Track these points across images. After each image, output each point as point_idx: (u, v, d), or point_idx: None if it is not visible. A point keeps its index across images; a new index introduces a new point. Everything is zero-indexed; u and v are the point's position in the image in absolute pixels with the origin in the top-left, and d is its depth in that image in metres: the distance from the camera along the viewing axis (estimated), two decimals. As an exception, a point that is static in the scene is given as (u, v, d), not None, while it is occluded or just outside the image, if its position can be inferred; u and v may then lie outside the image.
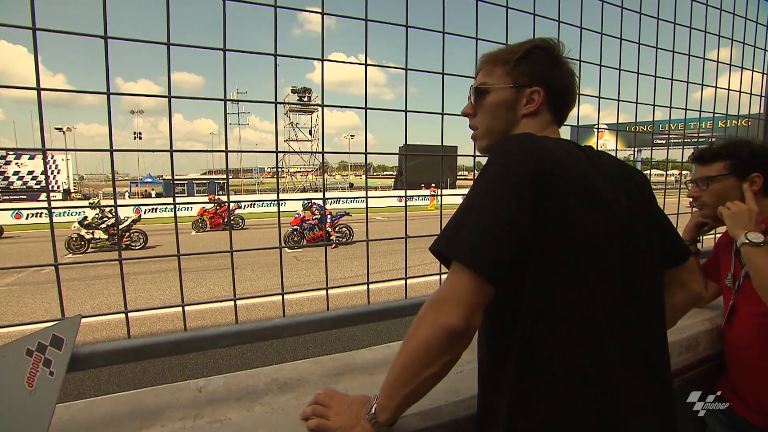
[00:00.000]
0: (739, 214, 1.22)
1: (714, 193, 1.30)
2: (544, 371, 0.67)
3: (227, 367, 4.09)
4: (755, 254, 1.16)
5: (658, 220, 0.85)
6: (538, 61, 0.83)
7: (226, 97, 0.97)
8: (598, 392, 0.66)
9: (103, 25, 0.81)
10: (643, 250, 0.76)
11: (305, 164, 42.07)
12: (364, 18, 1.04)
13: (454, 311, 0.64)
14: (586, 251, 0.68)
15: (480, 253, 0.64)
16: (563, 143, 0.77)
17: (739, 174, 1.27)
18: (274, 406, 0.94)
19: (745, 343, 1.32)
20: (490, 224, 0.65)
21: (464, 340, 0.66)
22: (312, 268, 8.49)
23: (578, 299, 0.67)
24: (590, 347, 0.67)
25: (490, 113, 0.86)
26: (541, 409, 0.67)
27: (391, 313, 1.13)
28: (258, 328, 1.01)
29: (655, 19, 1.67)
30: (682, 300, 0.90)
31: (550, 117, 0.85)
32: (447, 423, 0.94)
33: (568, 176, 0.69)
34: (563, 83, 0.84)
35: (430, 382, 0.69)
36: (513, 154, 0.69)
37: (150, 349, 0.92)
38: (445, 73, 1.16)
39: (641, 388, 0.71)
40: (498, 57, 0.86)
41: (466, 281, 0.64)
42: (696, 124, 2.10)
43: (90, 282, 7.59)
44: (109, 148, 0.88)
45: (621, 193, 0.76)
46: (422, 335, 0.66)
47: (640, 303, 0.74)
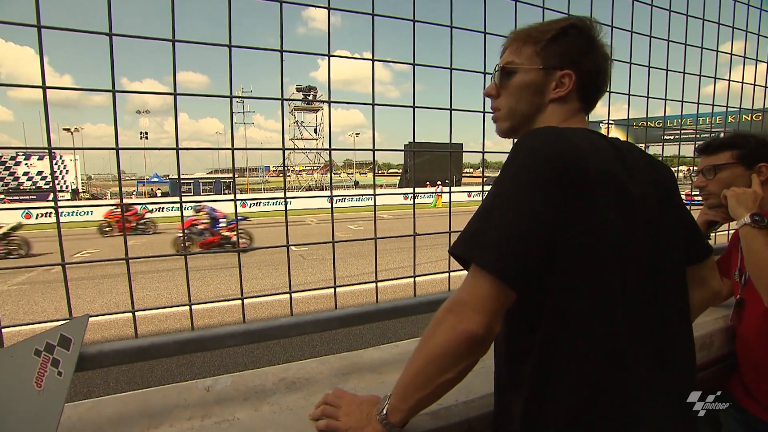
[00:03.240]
0: (743, 195, 1.22)
1: (721, 181, 1.30)
2: (563, 371, 0.65)
3: (234, 365, 4.10)
4: (753, 237, 1.16)
5: (682, 217, 0.82)
6: (572, 42, 0.77)
7: (231, 93, 0.96)
8: (616, 393, 0.65)
9: (108, 22, 0.80)
10: (668, 249, 0.74)
11: (310, 162, 42.15)
12: (371, 13, 1.02)
13: (475, 318, 0.62)
14: (612, 250, 0.65)
15: (503, 258, 0.61)
16: (590, 135, 0.73)
17: (747, 163, 1.27)
18: (282, 406, 0.93)
19: (752, 339, 1.32)
20: (513, 226, 0.62)
21: (484, 347, 0.64)
22: (318, 266, 8.50)
23: (601, 299, 0.65)
24: (611, 348, 0.65)
25: (514, 95, 0.80)
26: (557, 408, 0.65)
27: (400, 312, 1.12)
28: (266, 328, 1.00)
29: (667, 11, 1.64)
30: (701, 298, 0.88)
31: (579, 104, 0.79)
32: (458, 423, 0.93)
33: (596, 172, 0.65)
34: (597, 68, 0.78)
35: (445, 387, 0.68)
36: (537, 149, 0.65)
37: (157, 349, 0.92)
38: (453, 68, 1.14)
39: (662, 389, 0.69)
40: (529, 35, 0.79)
41: (488, 286, 0.62)
42: (706, 119, 2.06)
43: (98, 281, 7.66)
44: (115, 146, 0.88)
45: (649, 189, 0.73)
46: (441, 341, 0.64)
47: (664, 302, 0.72)
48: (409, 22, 1.11)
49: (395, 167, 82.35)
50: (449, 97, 1.17)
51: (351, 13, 1.09)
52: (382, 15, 1.04)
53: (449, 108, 1.16)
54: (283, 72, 1.04)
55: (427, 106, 1.14)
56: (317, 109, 38.24)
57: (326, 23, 1.08)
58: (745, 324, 1.36)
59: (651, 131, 2.13)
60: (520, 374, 0.69)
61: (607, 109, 1.64)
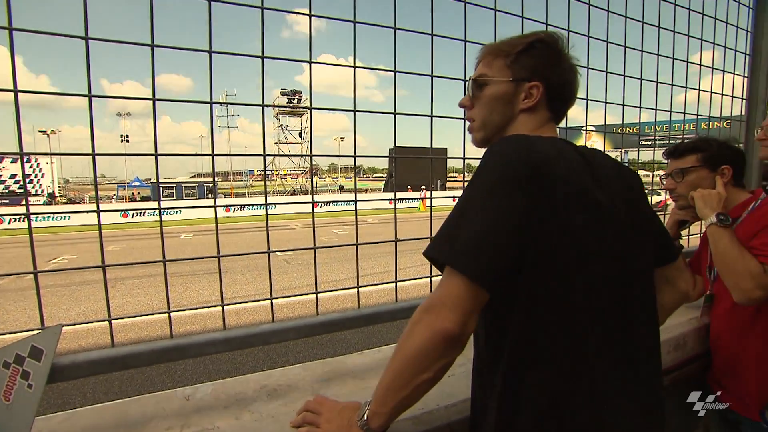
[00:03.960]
0: (708, 196, 1.29)
1: (689, 184, 1.37)
2: (533, 372, 0.67)
3: (217, 372, 4.03)
4: (720, 235, 1.23)
5: (650, 221, 0.85)
6: (539, 55, 0.81)
7: (212, 99, 0.96)
8: (584, 392, 0.67)
9: (84, 25, 0.79)
10: (635, 253, 0.76)
11: (295, 167, 41.86)
12: (352, 20, 1.03)
13: (450, 316, 0.63)
14: (578, 255, 0.68)
15: (475, 259, 0.63)
16: (558, 143, 0.76)
17: (711, 165, 1.34)
18: (264, 414, 0.92)
19: (722, 332, 1.38)
20: (484, 228, 0.64)
21: (459, 345, 0.65)
22: (302, 271, 8.43)
23: (567, 303, 0.67)
24: (577, 351, 0.67)
25: (487, 106, 0.84)
26: (529, 408, 0.67)
27: (382, 317, 1.12)
28: (246, 335, 0.99)
29: (640, 22, 1.70)
30: (671, 298, 0.91)
31: (548, 114, 0.83)
32: (439, 427, 0.93)
33: (562, 178, 0.68)
34: (564, 80, 0.82)
35: (424, 387, 0.68)
36: (506, 155, 0.68)
37: (134, 359, 0.90)
38: (434, 75, 1.16)
39: (628, 390, 0.72)
40: (499, 49, 0.84)
41: (461, 286, 0.64)
42: (682, 126, 2.13)
43: (76, 288, 7.44)
44: (92, 151, 0.86)
45: (616, 195, 0.76)
46: (417, 340, 0.66)
47: (631, 306, 0.75)
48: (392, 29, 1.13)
49: (380, 171, 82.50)
50: (431, 103, 1.18)
51: (341, 18, 1.09)
52: (363, 22, 1.05)
53: (430, 115, 1.17)
54: (267, 76, 1.04)
55: (408, 113, 1.16)
56: (302, 112, 38.01)
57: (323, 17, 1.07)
58: (715, 319, 1.43)
59: (629, 137, 2.19)
60: (494, 375, 0.71)
61: (585, 115, 1.68)
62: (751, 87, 2.10)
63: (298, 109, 35.34)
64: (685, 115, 1.99)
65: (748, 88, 2.12)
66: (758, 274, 1.14)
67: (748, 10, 2.05)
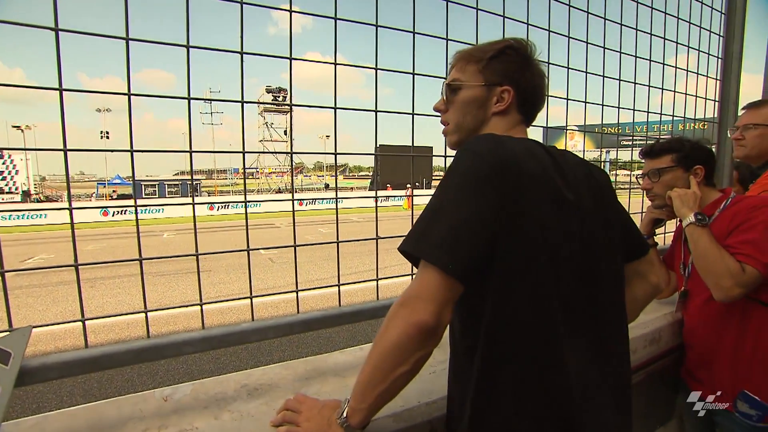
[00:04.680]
0: (685, 196, 1.34)
1: (665, 184, 1.41)
2: (506, 364, 0.69)
3: (200, 373, 3.97)
4: (699, 235, 1.27)
5: (619, 218, 0.88)
6: (510, 61, 0.84)
7: (189, 95, 0.94)
8: (555, 385, 0.69)
9: (54, 16, 0.76)
10: (605, 248, 0.79)
11: (280, 165, 41.47)
12: (333, 17, 1.03)
13: (425, 308, 0.65)
14: (548, 249, 0.69)
15: (448, 251, 0.65)
16: (526, 143, 0.78)
17: (685, 166, 1.39)
18: (243, 413, 0.91)
19: (697, 326, 1.43)
20: (456, 223, 0.66)
21: (435, 337, 0.67)
22: (288, 269, 8.36)
23: (537, 296, 0.69)
24: (548, 341, 0.69)
25: (461, 110, 0.87)
26: (502, 401, 0.69)
27: (364, 315, 1.12)
28: (225, 333, 0.97)
29: (619, 24, 1.73)
30: (643, 292, 0.94)
31: (519, 116, 0.86)
32: (420, 424, 0.94)
33: (530, 174, 0.70)
34: (533, 84, 0.85)
35: (402, 380, 0.69)
36: (476, 153, 0.71)
37: (109, 359, 0.88)
38: (415, 73, 1.16)
39: (599, 380, 0.74)
40: (471, 54, 0.87)
41: (436, 279, 0.65)
42: (659, 127, 2.19)
43: (53, 288, 7.24)
44: (63, 147, 0.83)
45: (584, 192, 0.78)
46: (393, 334, 0.67)
47: (601, 299, 0.77)
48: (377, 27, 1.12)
49: (366, 170, 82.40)
50: (412, 101, 1.18)
51: (323, 15, 1.08)
52: (344, 19, 1.05)
53: (411, 113, 1.18)
54: (253, 73, 1.02)
55: (389, 111, 1.16)
56: (287, 110, 37.65)
57: (296, 24, 1.07)
58: (689, 313, 1.47)
59: (610, 137, 2.24)
60: (470, 369, 0.73)
61: (566, 114, 1.71)
62: (723, 89, 2.17)
63: (282, 107, 34.97)
64: (662, 116, 2.04)
65: (720, 91, 2.18)
66: (737, 272, 1.18)
67: (720, 15, 2.12)
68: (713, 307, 1.34)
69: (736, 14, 2.06)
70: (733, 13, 2.08)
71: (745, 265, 1.18)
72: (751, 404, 1.25)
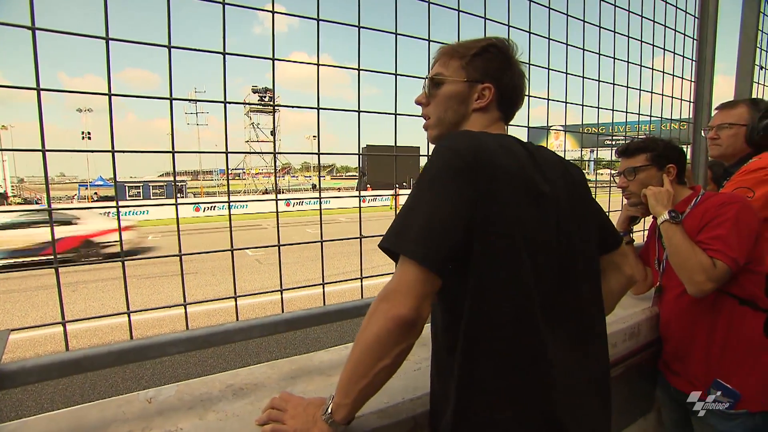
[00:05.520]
0: (659, 194, 1.39)
1: (640, 182, 1.46)
2: (487, 359, 0.71)
3: (186, 376, 3.91)
4: (674, 232, 1.32)
5: (594, 211, 0.91)
6: (492, 59, 0.86)
7: (171, 96, 0.94)
8: (537, 377, 0.71)
9: (30, 15, 0.75)
10: (580, 240, 0.81)
11: (267, 165, 41.11)
12: (315, 18, 1.03)
13: (404, 302, 0.66)
14: (524, 240, 0.71)
15: (424, 245, 0.67)
16: (501, 138, 0.80)
17: (658, 164, 1.44)
18: (229, 413, 0.91)
19: (671, 320, 1.47)
20: (431, 217, 0.68)
21: (415, 330, 0.68)
22: (275, 271, 8.30)
23: (515, 288, 0.71)
24: (528, 333, 0.71)
25: (442, 104, 0.88)
26: (484, 394, 0.71)
27: (349, 313, 1.13)
28: (210, 333, 0.97)
29: (598, 27, 1.77)
30: (617, 283, 0.96)
31: (499, 113, 0.88)
32: (404, 420, 0.95)
33: (504, 168, 0.72)
34: (513, 83, 0.87)
35: (384, 374, 0.70)
36: (450, 149, 0.73)
37: (90, 361, 0.87)
38: (398, 74, 1.17)
39: (580, 371, 0.76)
40: (455, 50, 0.88)
41: (413, 273, 0.67)
42: (640, 127, 2.25)
43: (32, 293, 7.05)
44: (41, 147, 0.82)
45: (560, 186, 0.80)
46: (374, 328, 0.68)
47: (579, 292, 0.79)
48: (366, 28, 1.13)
49: (353, 170, 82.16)
50: (395, 101, 1.20)
51: (305, 16, 1.09)
52: (327, 20, 1.05)
53: (394, 113, 1.19)
54: (239, 73, 1.02)
55: (371, 111, 1.17)
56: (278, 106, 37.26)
57: (282, 23, 1.08)
58: (664, 307, 1.52)
59: (593, 136, 2.28)
60: (452, 364, 0.74)
61: (546, 116, 1.74)
62: (697, 91, 2.25)
63: (267, 107, 34.67)
64: (640, 116, 2.10)
65: (695, 92, 2.26)
66: (709, 267, 1.22)
67: (694, 20, 2.19)
68: (686, 301, 1.39)
69: (709, 19, 2.14)
70: (706, 18, 2.15)
71: (716, 260, 1.22)
72: (724, 392, 1.30)
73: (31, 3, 0.76)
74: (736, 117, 1.65)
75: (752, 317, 1.30)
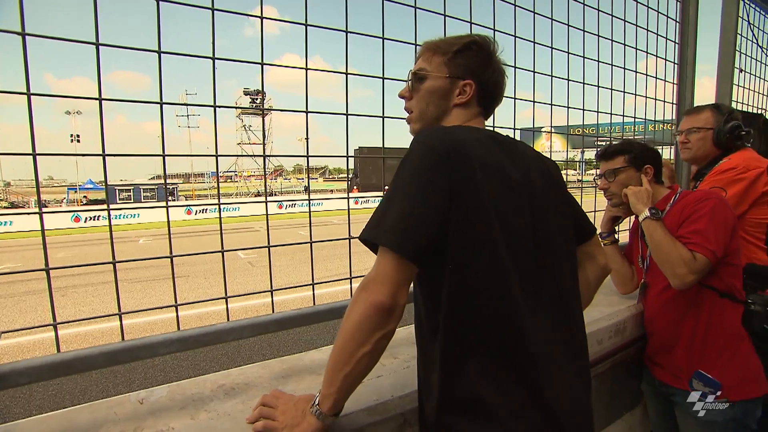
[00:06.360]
0: (639, 193, 1.45)
1: (619, 183, 1.52)
2: (467, 343, 0.73)
3: (178, 379, 3.86)
4: (654, 228, 1.36)
5: (569, 203, 0.94)
6: (473, 56, 0.88)
7: (162, 100, 0.95)
8: (517, 359, 0.73)
9: (20, 21, 0.76)
10: (555, 230, 0.84)
11: (259, 168, 40.93)
12: (304, 23, 1.05)
13: (381, 289, 0.69)
14: (499, 228, 0.74)
15: (400, 234, 0.70)
16: (476, 131, 0.83)
17: (636, 165, 1.50)
18: (220, 412, 0.92)
19: (656, 314, 1.52)
20: (407, 208, 0.71)
21: (393, 316, 0.71)
22: (267, 273, 8.27)
23: (493, 274, 0.73)
24: (507, 319, 0.73)
25: (424, 99, 0.90)
26: (467, 379, 0.73)
27: (338, 313, 1.15)
28: (201, 334, 0.98)
29: (582, 31, 1.82)
30: (593, 273, 0.99)
31: (479, 109, 0.91)
32: (393, 416, 0.97)
33: (477, 156, 0.75)
34: (494, 81, 0.90)
35: (366, 360, 0.72)
36: (425, 143, 0.75)
37: (82, 362, 0.87)
38: (385, 77, 1.20)
39: (561, 353, 0.78)
40: (438, 46, 0.90)
41: (390, 262, 0.70)
42: (626, 128, 2.30)
43: (20, 298, 6.95)
44: (32, 151, 0.83)
45: (533, 175, 0.83)
46: (354, 316, 0.71)
47: (554, 276, 0.82)
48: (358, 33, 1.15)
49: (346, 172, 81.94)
50: (382, 104, 1.22)
51: (293, 21, 1.11)
52: (314, 25, 1.07)
53: (382, 116, 1.21)
54: (230, 75, 1.04)
55: (359, 114, 1.19)
56: (265, 113, 37.19)
57: (274, 25, 1.10)
58: (648, 303, 1.57)
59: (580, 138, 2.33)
60: (435, 348, 0.76)
61: (533, 118, 1.78)
62: (679, 93, 2.30)
63: (256, 110, 34.55)
64: (624, 117, 2.15)
65: (677, 94, 2.31)
66: (689, 260, 1.27)
67: (675, 24, 2.24)
68: (670, 296, 1.44)
69: (689, 23, 2.20)
70: (686, 22, 2.21)
71: (696, 253, 1.27)
72: (705, 382, 1.35)
73: (21, 8, 0.77)
74: (703, 121, 1.75)
75: (731, 309, 1.36)
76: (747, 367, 1.36)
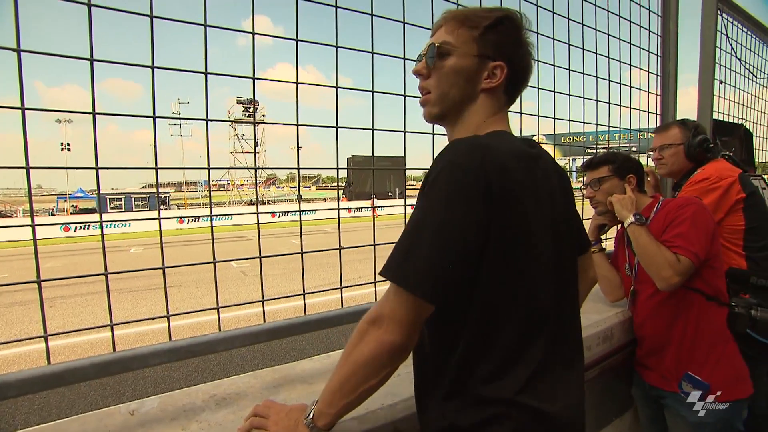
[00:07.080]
0: (624, 200, 1.51)
1: (605, 192, 1.58)
2: (487, 365, 0.70)
3: (169, 390, 3.82)
4: (640, 233, 1.41)
5: (577, 216, 0.92)
6: (506, 33, 0.77)
7: (155, 114, 0.96)
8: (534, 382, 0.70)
9: (16, 38, 0.78)
10: (568, 243, 0.82)
11: (251, 176, 40.80)
12: (294, 38, 1.08)
13: (396, 330, 0.66)
14: (531, 251, 0.70)
15: (426, 278, 0.64)
16: (511, 142, 0.74)
17: (620, 175, 1.56)
18: (212, 423, 0.92)
19: (645, 320, 1.56)
20: (438, 250, 0.64)
21: (405, 354, 0.70)
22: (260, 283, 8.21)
23: (524, 298, 0.70)
24: (530, 341, 0.71)
25: (448, 79, 0.77)
26: (483, 401, 0.70)
27: (329, 322, 1.16)
28: (192, 344, 0.99)
29: (567, 44, 1.87)
30: (584, 285, 0.97)
31: (504, 98, 0.81)
32: (383, 426, 0.97)
33: (520, 186, 0.68)
34: (525, 63, 0.79)
35: (369, 392, 0.72)
36: (461, 167, 0.65)
37: (73, 374, 0.87)
38: (374, 90, 1.23)
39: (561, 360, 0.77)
40: (466, 17, 0.77)
41: (410, 303, 0.66)
42: (613, 136, 2.36)
43: (7, 309, 6.82)
44: (25, 165, 0.84)
45: (555, 190, 0.78)
46: (366, 351, 0.68)
47: (568, 292, 0.80)
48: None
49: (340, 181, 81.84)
50: (371, 117, 1.25)
51: (286, 31, 1.13)
52: (305, 41, 1.10)
53: (371, 128, 1.24)
54: (223, 83, 1.06)
55: (349, 126, 1.22)
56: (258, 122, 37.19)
57: (267, 35, 1.13)
58: (638, 308, 1.61)
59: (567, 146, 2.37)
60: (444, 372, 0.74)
61: (519, 128, 1.82)
62: (663, 103, 2.38)
63: (248, 120, 34.52)
64: (609, 128, 2.21)
65: (661, 105, 2.39)
66: (674, 262, 1.32)
67: (657, 38, 2.32)
68: (658, 300, 1.48)
69: (670, 37, 2.28)
70: (668, 36, 2.29)
71: (679, 255, 1.32)
72: (694, 384, 1.38)
73: (16, 24, 0.78)
74: (672, 138, 1.86)
75: (717, 311, 1.41)
76: (734, 368, 1.40)
